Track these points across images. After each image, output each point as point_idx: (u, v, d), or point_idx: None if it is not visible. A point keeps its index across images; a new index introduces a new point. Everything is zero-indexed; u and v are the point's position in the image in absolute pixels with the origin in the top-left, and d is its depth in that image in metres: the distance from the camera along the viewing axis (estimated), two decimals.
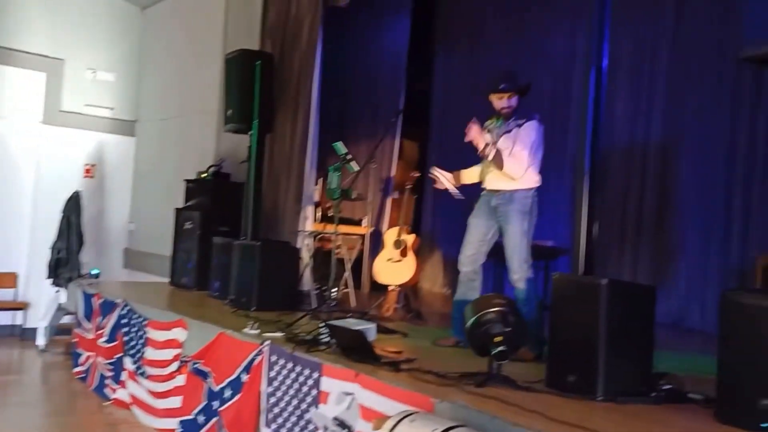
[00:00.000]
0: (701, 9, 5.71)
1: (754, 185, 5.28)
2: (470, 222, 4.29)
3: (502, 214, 4.12)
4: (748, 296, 2.67)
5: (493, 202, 4.17)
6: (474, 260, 4.25)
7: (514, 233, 4.07)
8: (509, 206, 4.10)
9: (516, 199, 4.09)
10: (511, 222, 4.08)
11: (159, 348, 4.65)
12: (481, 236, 4.22)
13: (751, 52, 2.67)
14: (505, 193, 4.12)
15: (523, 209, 4.08)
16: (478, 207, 4.28)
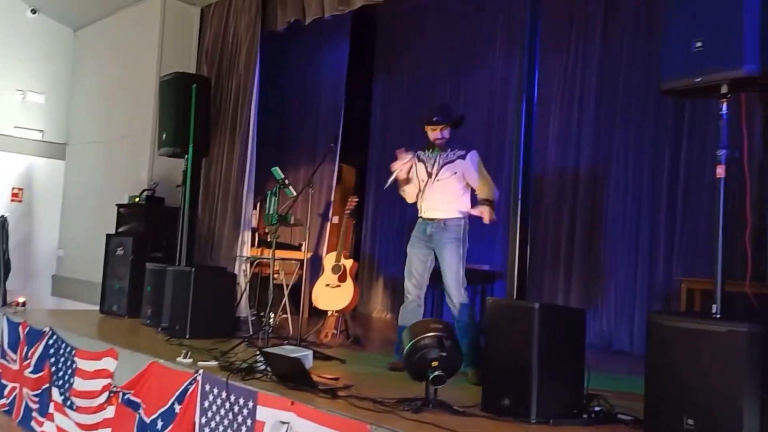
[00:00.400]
0: (626, 42, 5.95)
1: (677, 211, 5.50)
2: (409, 251, 4.41)
3: (437, 241, 4.26)
4: (672, 318, 2.77)
5: (428, 230, 4.30)
6: (418, 287, 4.35)
7: (451, 260, 4.19)
8: (443, 234, 4.24)
9: (449, 227, 4.24)
10: (446, 249, 4.21)
11: (88, 378, 4.50)
12: (421, 264, 4.34)
13: (669, 86, 2.82)
14: (439, 221, 4.27)
15: (457, 236, 4.21)
16: (415, 235, 4.40)
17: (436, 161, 4.35)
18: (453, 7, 7.54)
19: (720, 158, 2.72)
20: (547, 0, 6.35)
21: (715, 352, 2.54)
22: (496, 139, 6.94)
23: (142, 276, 5.84)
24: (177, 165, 6.24)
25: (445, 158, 4.32)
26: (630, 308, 5.68)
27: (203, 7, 7.25)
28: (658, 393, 2.73)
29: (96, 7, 7.69)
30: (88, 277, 7.18)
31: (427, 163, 4.39)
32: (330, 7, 5.86)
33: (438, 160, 4.34)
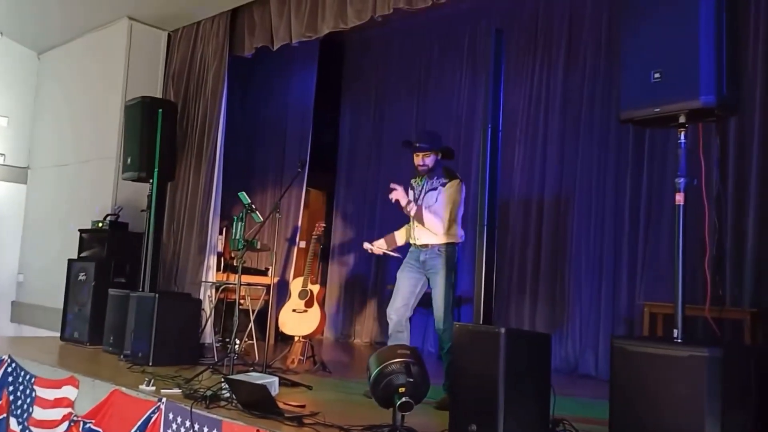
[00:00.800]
0: (588, 71, 6.10)
1: (639, 236, 5.60)
2: (399, 276, 4.40)
3: (431, 267, 4.27)
4: (634, 343, 2.81)
5: (422, 257, 4.31)
6: (402, 312, 4.33)
7: (443, 285, 4.21)
8: (437, 260, 4.25)
9: (443, 254, 4.26)
10: (439, 274, 4.23)
11: (48, 407, 4.39)
12: (410, 289, 4.34)
13: (629, 115, 2.90)
14: (433, 248, 4.28)
15: (450, 263, 4.24)
16: (407, 261, 4.41)
17: (423, 188, 4.41)
18: (419, 35, 7.65)
19: (679, 186, 2.79)
20: (511, 30, 6.57)
21: (676, 376, 2.58)
22: (462, 165, 7.00)
23: (104, 302, 5.75)
24: (142, 189, 6.18)
25: (429, 185, 4.38)
26: (594, 332, 5.75)
27: (170, 31, 7.25)
28: (623, 417, 2.77)
29: (61, 30, 7.63)
30: (48, 303, 7.03)
31: (415, 191, 4.46)
32: (297, 33, 5.91)
33: (425, 186, 4.40)
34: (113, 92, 7.00)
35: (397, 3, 5.14)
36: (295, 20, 5.91)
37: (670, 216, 5.22)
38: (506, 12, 6.82)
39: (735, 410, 2.54)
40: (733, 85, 2.68)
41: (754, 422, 2.59)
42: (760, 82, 4.99)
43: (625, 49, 2.95)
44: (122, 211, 6.52)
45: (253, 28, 6.40)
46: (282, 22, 6.04)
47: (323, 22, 5.68)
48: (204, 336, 5.83)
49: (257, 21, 6.37)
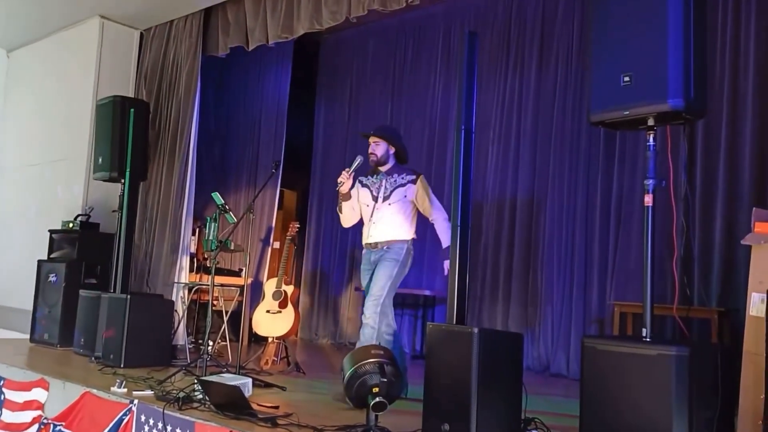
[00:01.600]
0: (560, 73, 6.17)
1: (609, 237, 5.68)
2: (363, 282, 4.36)
3: (379, 261, 4.23)
4: (604, 342, 2.85)
5: (373, 257, 4.28)
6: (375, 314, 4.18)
7: (382, 276, 4.14)
8: (385, 254, 4.22)
9: (393, 248, 4.22)
10: (382, 266, 4.18)
11: (17, 410, 4.32)
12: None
13: (599, 118, 2.94)
14: (382, 245, 4.24)
15: (397, 257, 4.19)
16: (363, 266, 4.36)
17: (382, 185, 4.32)
18: (393, 36, 7.67)
19: (648, 188, 2.84)
20: (484, 33, 6.62)
21: (645, 375, 2.63)
22: (436, 166, 7.06)
23: (74, 303, 5.68)
24: (113, 189, 6.12)
25: (394, 182, 4.31)
26: (566, 332, 5.82)
27: (143, 30, 7.19)
28: (593, 415, 2.81)
29: (31, 28, 7.51)
30: (17, 304, 6.92)
31: (371, 188, 4.37)
32: (273, 34, 5.90)
33: (384, 184, 4.32)
34: (84, 91, 6.92)
35: (372, 4, 5.16)
36: (271, 21, 5.90)
37: (640, 217, 5.33)
38: (479, 14, 6.87)
39: (702, 407, 2.59)
40: (700, 89, 2.74)
41: (720, 419, 2.64)
42: (727, 86, 5.11)
43: (595, 52, 2.99)
44: (93, 212, 6.45)
45: (228, 28, 6.38)
46: (257, 23, 6.03)
47: (299, 23, 5.68)
48: (176, 337, 5.80)
49: (232, 21, 6.35)
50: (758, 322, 2.84)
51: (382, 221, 4.26)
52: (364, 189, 4.40)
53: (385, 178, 4.33)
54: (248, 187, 7.86)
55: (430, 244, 7.00)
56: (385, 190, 4.30)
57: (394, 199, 4.25)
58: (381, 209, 4.26)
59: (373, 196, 4.32)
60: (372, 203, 4.30)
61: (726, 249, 4.97)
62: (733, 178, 5.03)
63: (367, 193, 4.37)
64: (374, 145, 4.33)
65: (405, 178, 4.32)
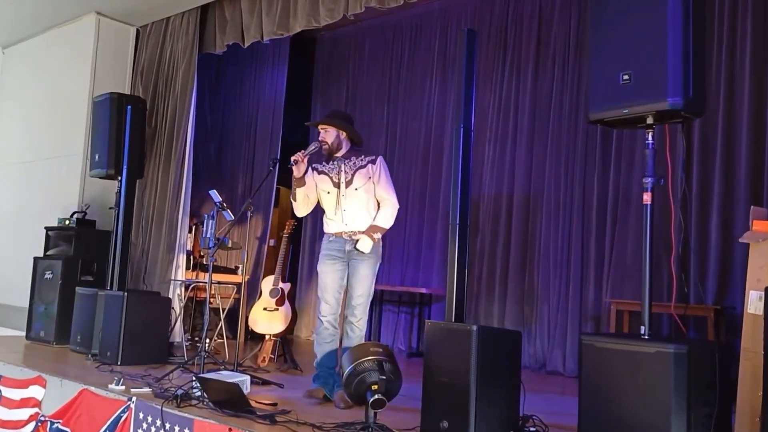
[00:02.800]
0: (557, 71, 6.18)
1: (605, 235, 5.70)
2: (322, 270, 4.11)
3: (356, 256, 4.01)
4: (603, 340, 2.86)
5: (348, 247, 4.04)
6: (336, 309, 4.11)
7: (367, 276, 4.00)
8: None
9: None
10: (363, 264, 4.00)
11: (13, 408, 4.31)
12: (337, 282, 4.09)
13: (598, 116, 2.95)
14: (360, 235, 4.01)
15: (376, 253, 4.03)
16: (328, 253, 4.10)
17: (341, 170, 4.08)
18: (390, 34, 7.67)
19: (646, 186, 2.84)
20: (481, 31, 6.62)
21: (644, 372, 2.64)
22: (432, 164, 7.07)
23: (71, 301, 5.67)
24: (110, 187, 6.11)
25: (353, 165, 4.08)
26: (562, 330, 5.83)
27: (139, 27, 7.17)
28: (591, 412, 2.82)
29: (27, 24, 7.48)
30: (13, 301, 6.89)
31: (330, 174, 4.13)
32: (269, 31, 5.90)
33: (343, 168, 4.09)
34: (80, 88, 6.90)
35: (369, 2, 5.16)
36: (267, 18, 5.90)
37: (636, 215, 5.35)
38: (476, 13, 6.88)
39: (700, 404, 2.61)
40: (699, 88, 2.75)
41: (718, 416, 2.66)
42: (723, 85, 5.13)
43: (594, 51, 3.00)
44: (90, 209, 6.43)
45: (224, 25, 6.37)
46: (253, 20, 6.02)
47: (295, 21, 5.68)
48: (173, 335, 5.79)
49: (228, 18, 6.34)
50: (756, 320, 2.85)
51: (352, 208, 4.04)
52: (321, 176, 4.15)
53: (343, 162, 4.11)
54: (244, 185, 7.85)
55: (426, 243, 7.02)
56: (345, 174, 4.07)
57: (359, 183, 4.04)
58: (348, 195, 4.04)
59: (334, 182, 4.09)
60: (335, 190, 4.08)
61: (722, 247, 5.00)
62: (729, 176, 5.06)
63: (326, 179, 4.12)
64: (323, 132, 4.13)
65: (364, 159, 4.11)
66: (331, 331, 4.10)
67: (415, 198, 7.12)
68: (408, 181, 7.12)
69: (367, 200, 4.07)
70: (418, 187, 7.15)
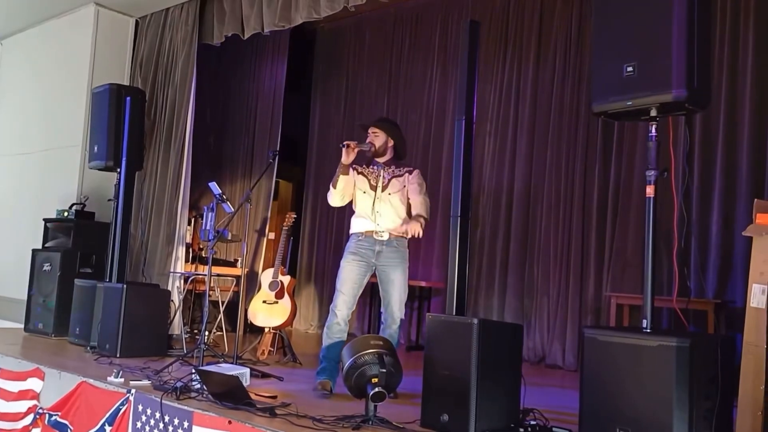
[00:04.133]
0: (558, 65, 6.16)
1: (606, 229, 5.69)
2: (345, 265, 4.15)
3: (387, 260, 4.09)
4: (605, 333, 2.85)
5: (378, 248, 4.10)
6: (351, 305, 4.13)
7: (402, 281, 4.08)
8: (395, 253, 4.10)
9: (399, 247, 4.12)
10: (398, 269, 4.08)
11: (11, 400, 4.30)
12: (357, 281, 4.12)
13: (602, 108, 2.93)
14: (391, 239, 4.10)
15: (405, 257, 4.13)
16: (356, 251, 4.15)
17: (380, 175, 4.20)
18: (391, 26, 7.63)
19: (649, 179, 2.82)
20: (482, 24, 6.58)
21: (646, 366, 2.63)
22: (432, 157, 7.05)
23: (70, 293, 5.65)
24: (109, 178, 6.09)
25: (392, 173, 4.21)
26: (562, 324, 5.82)
27: (138, 17, 7.13)
28: (592, 405, 2.81)
29: (25, 15, 7.44)
30: (11, 294, 6.88)
31: (369, 177, 4.24)
32: (269, 23, 5.86)
33: (383, 173, 4.21)
34: (79, 79, 6.86)
35: None
36: (268, 9, 5.86)
37: (637, 209, 5.33)
38: (477, 5, 6.84)
39: (702, 398, 2.60)
40: (703, 80, 2.73)
41: (720, 410, 2.65)
42: (725, 79, 5.11)
43: (598, 42, 2.99)
44: (88, 201, 6.41)
45: (223, 16, 6.34)
46: (254, 11, 5.98)
47: (296, 12, 5.64)
48: (172, 327, 5.78)
49: (227, 9, 6.30)
50: (759, 314, 2.84)
51: (386, 211, 4.14)
52: (360, 176, 4.26)
53: (382, 168, 4.24)
54: (244, 177, 7.82)
55: (426, 236, 6.99)
56: (383, 179, 4.20)
57: (393, 189, 4.16)
58: (383, 199, 4.15)
59: (371, 185, 4.20)
60: (371, 192, 4.18)
61: (723, 240, 4.99)
62: (730, 169, 5.04)
63: (364, 180, 4.22)
64: (372, 135, 4.23)
65: (402, 170, 4.24)
66: (341, 327, 4.11)
67: None
68: None
69: (400, 207, 4.16)
70: None
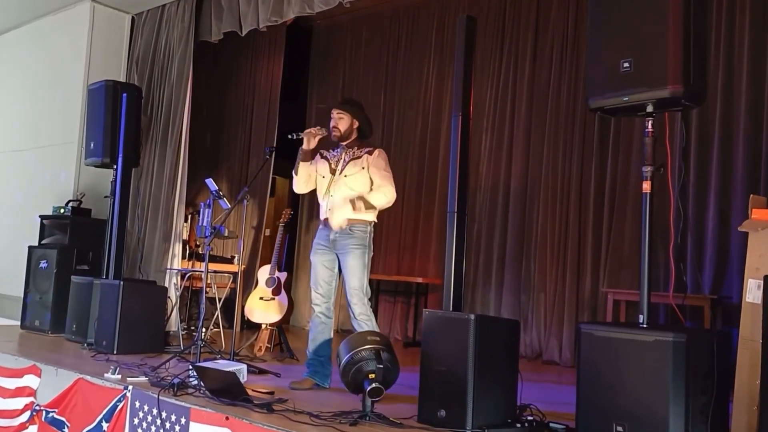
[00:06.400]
0: (555, 61, 6.16)
1: (603, 225, 5.69)
2: (313, 260, 4.11)
3: (341, 247, 3.98)
4: (601, 328, 2.86)
5: (332, 236, 4.00)
6: (326, 297, 4.08)
7: (355, 266, 3.95)
8: (348, 239, 3.97)
9: (355, 232, 3.97)
10: (350, 254, 3.95)
11: (8, 397, 4.29)
12: (327, 271, 4.06)
13: (598, 104, 2.93)
14: (347, 224, 3.95)
15: (363, 242, 3.97)
16: (317, 242, 4.09)
17: (341, 158, 4.08)
18: (387, 23, 7.63)
19: (646, 175, 2.83)
20: (479, 19, 6.58)
21: (642, 361, 2.64)
22: (429, 153, 7.05)
23: (66, 290, 5.65)
24: (105, 175, 6.08)
25: (351, 154, 4.06)
26: (559, 319, 5.83)
27: (134, 14, 7.11)
28: (589, 401, 2.82)
29: (21, 11, 7.42)
30: (7, 291, 6.87)
31: (330, 161, 4.13)
32: (264, 18, 5.86)
33: (344, 156, 4.09)
34: (75, 76, 6.85)
35: None
36: (262, 5, 5.86)
37: (634, 205, 5.34)
38: (474, 1, 6.83)
39: (698, 393, 2.61)
40: (700, 76, 2.74)
41: (716, 404, 2.66)
42: (721, 75, 5.11)
43: (594, 38, 2.98)
44: (85, 197, 6.40)
45: (221, 13, 6.33)
46: (250, 8, 5.98)
47: (289, 7, 5.65)
48: (169, 324, 5.78)
49: (225, 6, 6.30)
50: (754, 309, 2.85)
51: (338, 194, 4.00)
52: (323, 161, 4.15)
53: (344, 151, 4.11)
54: (240, 174, 7.81)
55: (422, 232, 7.01)
56: (343, 162, 4.06)
57: (350, 171, 4.00)
58: (337, 182, 4.03)
59: (331, 168, 4.09)
60: (329, 176, 4.07)
61: (719, 236, 5.00)
62: (726, 165, 5.05)
63: (324, 165, 4.12)
64: (337, 118, 4.10)
65: (363, 150, 4.09)
66: (323, 320, 4.08)
67: (411, 187, 7.10)
68: (405, 169, 7.09)
69: (355, 189, 3.98)
70: (414, 176, 7.13)
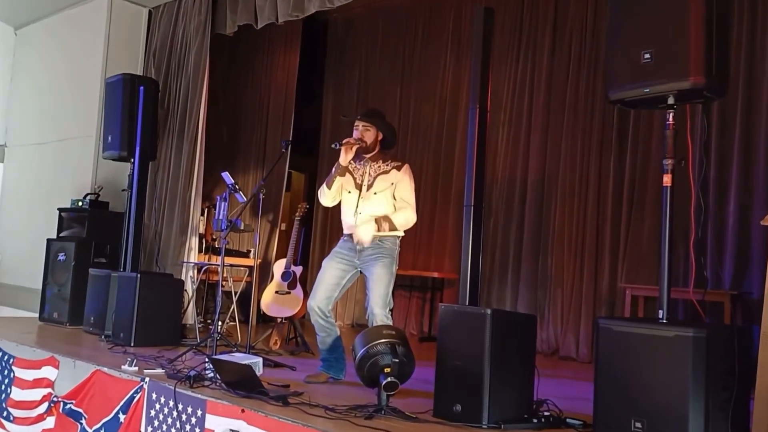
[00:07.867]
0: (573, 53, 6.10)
1: (621, 219, 5.63)
2: (325, 264, 4.02)
3: (368, 257, 3.90)
4: (620, 324, 2.83)
5: (359, 248, 3.91)
6: (325, 305, 3.97)
7: (383, 278, 3.85)
8: (377, 250, 3.90)
9: (385, 245, 3.91)
10: (379, 263, 3.87)
11: (27, 388, 4.33)
12: (335, 281, 3.97)
13: (619, 96, 2.89)
14: (374, 238, 3.89)
15: (392, 254, 3.92)
16: (338, 251, 4.02)
17: (366, 172, 3.99)
18: (404, 16, 7.59)
19: (666, 168, 2.79)
20: (496, 13, 6.52)
21: (662, 356, 2.61)
22: (446, 147, 7.01)
23: (84, 282, 5.69)
24: (122, 168, 6.11)
25: (378, 169, 3.99)
26: (576, 315, 5.78)
27: (151, 7, 7.13)
28: (607, 396, 2.79)
29: (39, 5, 7.46)
30: (27, 283, 6.93)
31: (355, 174, 4.04)
32: (283, 12, 5.83)
33: (369, 170, 4.00)
34: (93, 69, 6.88)
35: None
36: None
37: (653, 199, 5.28)
38: None
39: (718, 389, 2.57)
40: (721, 67, 2.69)
41: (736, 400, 2.62)
42: (743, 67, 5.03)
43: (615, 30, 2.94)
44: (102, 191, 6.44)
45: (236, 6, 6.31)
46: (267, 1, 5.95)
47: (310, 2, 5.60)
48: (186, 317, 5.80)
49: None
50: None
51: (367, 212, 3.93)
52: (347, 175, 4.05)
53: (369, 165, 4.01)
54: (256, 168, 7.82)
55: (438, 226, 6.98)
56: (369, 177, 3.99)
57: (379, 188, 3.95)
58: (367, 198, 3.96)
59: (356, 183, 4.01)
60: (356, 192, 4.00)
61: (740, 231, 4.93)
62: (747, 159, 4.97)
63: (350, 179, 4.03)
64: (363, 130, 4.01)
65: (390, 165, 4.01)
66: (322, 322, 3.99)
67: (427, 181, 7.07)
68: (421, 163, 7.06)
69: (384, 206, 3.95)
70: (431, 170, 7.10)
